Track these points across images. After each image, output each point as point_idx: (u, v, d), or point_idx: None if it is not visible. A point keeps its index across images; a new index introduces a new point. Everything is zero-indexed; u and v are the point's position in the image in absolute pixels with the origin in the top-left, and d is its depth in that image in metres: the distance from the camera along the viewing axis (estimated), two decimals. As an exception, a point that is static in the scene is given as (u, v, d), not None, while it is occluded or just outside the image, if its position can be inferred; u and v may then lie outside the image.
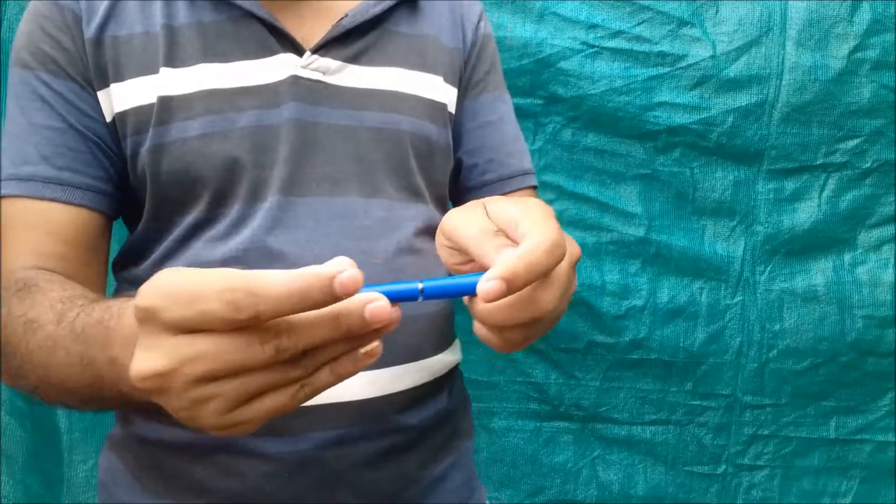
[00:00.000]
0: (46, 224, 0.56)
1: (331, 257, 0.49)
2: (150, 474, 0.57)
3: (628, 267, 1.00)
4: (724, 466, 1.04)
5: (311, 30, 0.59)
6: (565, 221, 1.01)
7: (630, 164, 0.99)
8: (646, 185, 1.00)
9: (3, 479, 1.01)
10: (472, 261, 0.43)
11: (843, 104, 0.96)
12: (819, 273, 1.01)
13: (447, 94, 0.65)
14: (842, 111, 0.97)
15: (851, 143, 0.98)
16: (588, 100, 0.97)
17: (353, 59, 0.60)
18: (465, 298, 0.40)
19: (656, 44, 0.96)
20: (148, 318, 0.32)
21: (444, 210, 0.64)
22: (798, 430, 1.03)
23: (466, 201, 0.61)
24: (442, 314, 0.61)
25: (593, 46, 0.96)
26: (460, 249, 0.42)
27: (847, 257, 1.01)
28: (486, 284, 0.34)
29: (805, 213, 1.00)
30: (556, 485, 1.03)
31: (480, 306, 0.38)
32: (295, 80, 0.57)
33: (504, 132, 0.69)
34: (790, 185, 1.00)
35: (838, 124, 0.97)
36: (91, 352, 0.41)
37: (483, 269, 0.37)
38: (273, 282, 0.30)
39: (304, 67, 0.58)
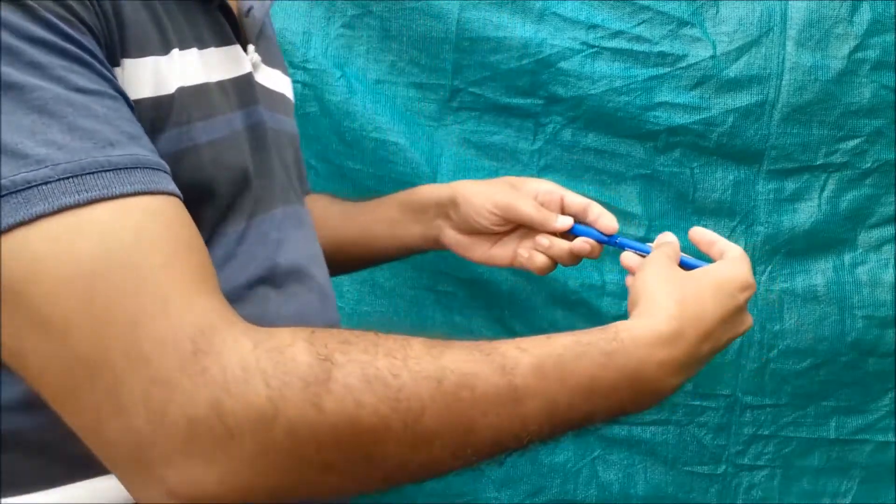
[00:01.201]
0: (193, 237, 0.37)
1: (312, 265, 0.54)
2: None
3: (628, 267, 1.00)
4: (724, 466, 1.04)
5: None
6: (565, 221, 1.01)
7: (630, 164, 0.99)
8: (646, 185, 1.00)
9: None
10: (511, 226, 0.63)
11: (843, 104, 0.96)
12: (819, 273, 1.01)
13: None
14: (842, 111, 0.97)
15: (851, 144, 0.98)
16: (588, 100, 0.97)
17: (263, 58, 0.55)
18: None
19: (656, 44, 0.96)
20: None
21: None
22: (798, 430, 1.03)
23: None
24: None
25: (593, 46, 0.96)
26: (515, 220, 0.62)
27: (847, 257, 1.01)
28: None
29: (805, 214, 1.00)
30: (556, 485, 1.03)
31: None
32: (251, 76, 0.50)
33: None
34: (790, 185, 1.00)
35: (838, 124, 0.97)
36: (601, 385, 0.42)
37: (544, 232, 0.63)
38: None
39: (250, 63, 0.50)
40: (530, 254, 0.65)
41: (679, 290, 0.48)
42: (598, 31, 0.96)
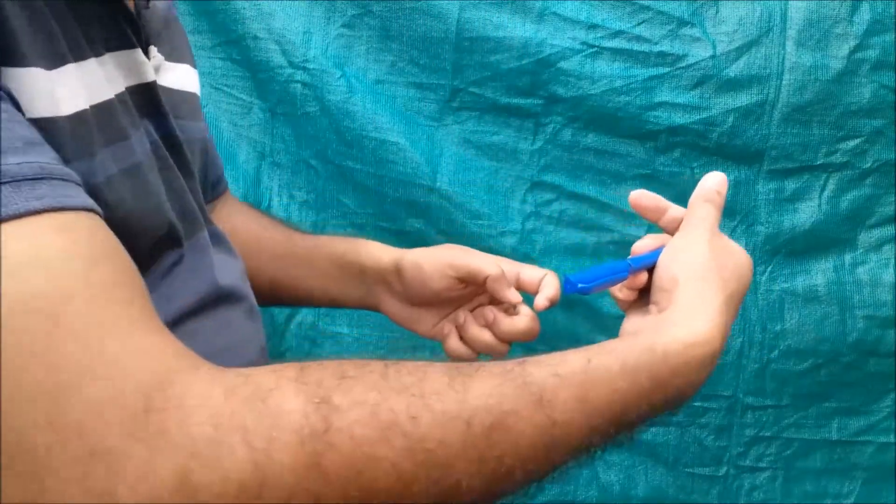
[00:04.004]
0: (122, 261, 0.30)
1: (242, 282, 0.51)
2: None
3: (629, 267, 1.00)
4: (725, 468, 1.04)
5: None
6: (565, 221, 1.00)
7: (630, 164, 0.99)
8: (646, 185, 0.99)
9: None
10: (461, 289, 0.57)
11: (843, 104, 0.96)
12: (820, 273, 1.01)
13: None
14: (842, 111, 0.96)
15: (851, 143, 0.98)
16: (588, 100, 0.97)
17: (166, 55, 0.48)
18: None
19: (656, 44, 0.96)
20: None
21: None
22: (799, 431, 1.03)
23: None
24: None
25: (593, 46, 0.96)
26: (472, 277, 0.56)
27: (847, 257, 1.01)
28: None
29: (805, 214, 1.00)
30: (556, 485, 1.03)
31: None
32: (154, 84, 0.44)
33: None
34: (790, 185, 0.99)
35: (838, 124, 0.97)
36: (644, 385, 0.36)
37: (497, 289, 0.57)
38: None
39: (153, 67, 0.44)
40: (451, 332, 0.59)
41: (722, 288, 0.41)
42: (598, 31, 0.96)
